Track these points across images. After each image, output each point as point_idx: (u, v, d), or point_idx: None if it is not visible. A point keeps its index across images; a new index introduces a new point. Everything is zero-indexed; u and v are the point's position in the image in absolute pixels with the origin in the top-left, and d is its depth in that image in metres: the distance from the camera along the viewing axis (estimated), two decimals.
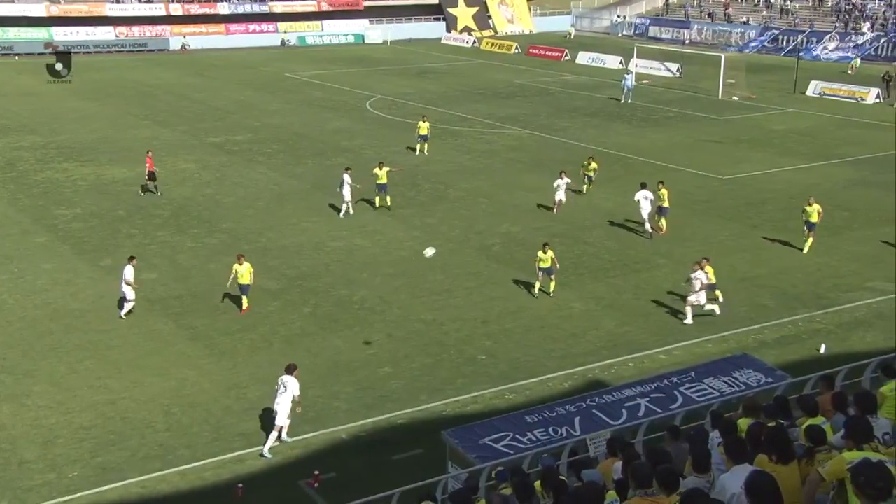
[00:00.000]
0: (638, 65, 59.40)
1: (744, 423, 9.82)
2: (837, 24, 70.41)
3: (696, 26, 78.90)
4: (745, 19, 77.49)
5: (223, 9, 78.55)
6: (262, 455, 15.96)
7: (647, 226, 27.09)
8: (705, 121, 44.70)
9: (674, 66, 60.42)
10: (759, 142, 39.85)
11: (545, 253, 22.51)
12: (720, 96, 51.09)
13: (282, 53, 74.05)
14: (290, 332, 20.83)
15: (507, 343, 20.17)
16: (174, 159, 36.73)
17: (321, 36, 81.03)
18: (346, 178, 29.04)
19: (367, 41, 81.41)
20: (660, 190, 27.36)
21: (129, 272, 21.38)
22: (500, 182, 33.49)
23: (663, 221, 27.53)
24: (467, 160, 37.02)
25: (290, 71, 63.12)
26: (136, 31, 75.16)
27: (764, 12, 78.08)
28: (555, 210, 29.27)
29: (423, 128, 37.97)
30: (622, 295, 22.74)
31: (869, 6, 72.34)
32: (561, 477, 10.45)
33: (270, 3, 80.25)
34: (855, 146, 38.52)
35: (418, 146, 37.98)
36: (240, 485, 15.10)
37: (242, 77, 59.98)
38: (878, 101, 49.15)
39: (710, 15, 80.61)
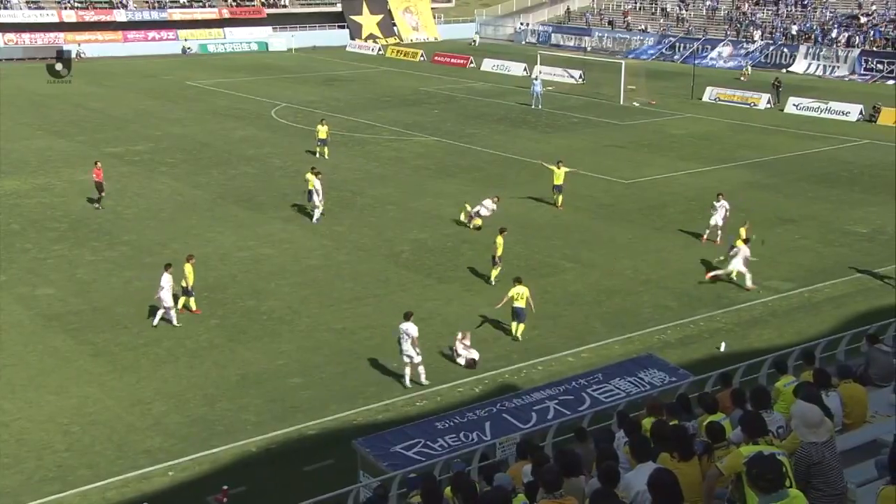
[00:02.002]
0: (542, 71, 60.32)
1: (647, 423, 10.08)
2: (729, 32, 73.05)
3: (596, 34, 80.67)
4: (643, 27, 79.64)
5: (120, 16, 76.46)
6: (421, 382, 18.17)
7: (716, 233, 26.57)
8: (608, 126, 45.72)
9: (576, 73, 61.63)
10: (659, 146, 40.96)
11: (519, 287, 20.46)
12: (622, 102, 52.34)
13: (183, 61, 72.57)
14: (197, 345, 20.40)
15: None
16: (71, 170, 35.56)
17: (223, 44, 79.61)
18: (319, 184, 29.00)
19: (270, 49, 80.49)
20: (559, 168, 30.09)
21: (165, 279, 21.02)
22: (408, 189, 33.54)
23: (559, 198, 30.32)
24: (375, 167, 36.96)
25: (192, 79, 61.92)
26: (27, 39, 72.47)
27: (661, 21, 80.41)
28: (470, 225, 28.82)
29: (322, 131, 38.16)
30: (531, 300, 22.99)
31: (758, 15, 75.28)
32: (472, 481, 10.52)
33: (170, 11, 78.54)
34: (749, 150, 39.97)
35: (317, 149, 38.11)
36: (224, 487, 14.73)
37: (142, 86, 58.53)
38: (769, 106, 51.12)
39: (610, 23, 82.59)
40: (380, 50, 79.75)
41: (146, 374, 19.06)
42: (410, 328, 18.14)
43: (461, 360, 19.39)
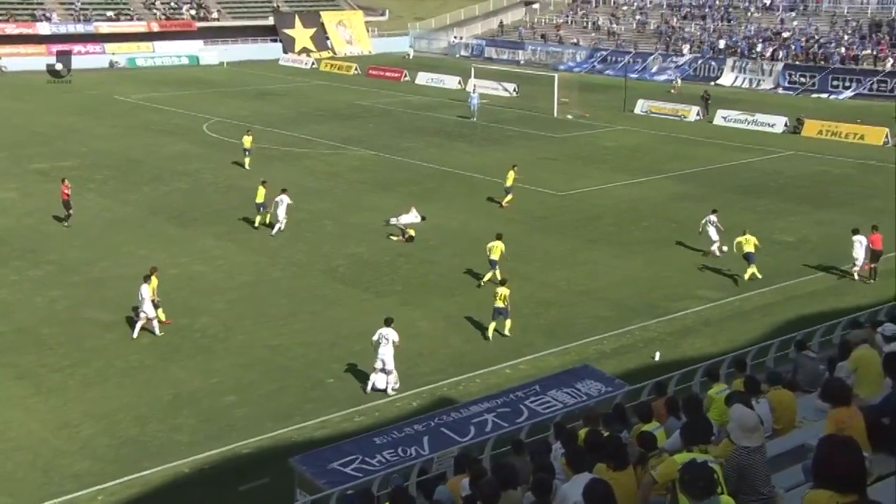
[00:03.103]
0: (476, 85, 60.73)
1: (584, 434, 10.17)
2: (659, 46, 74.61)
3: (529, 47, 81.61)
4: (575, 41, 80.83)
5: (43, 28, 74.56)
6: (392, 392, 18.42)
7: (715, 248, 27.08)
8: (543, 139, 46.21)
9: (510, 86, 62.22)
10: (593, 158, 41.55)
11: (500, 287, 21.46)
12: (556, 115, 52.98)
13: (110, 75, 71.25)
14: (128, 365, 19.97)
15: (354, 365, 20.06)
16: None
17: (153, 57, 78.25)
18: (286, 198, 29.39)
19: (202, 63, 79.45)
20: (510, 171, 32.81)
21: (144, 290, 21.16)
22: (344, 203, 33.41)
23: (506, 198, 32.52)
24: (311, 182, 36.72)
25: (121, 94, 60.84)
26: None
27: (592, 34, 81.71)
28: (403, 239, 29.01)
29: (247, 141, 38.60)
30: (468, 312, 23.08)
31: (686, 29, 77.07)
32: (411, 497, 10.49)
33: (96, 24, 76.88)
34: (680, 161, 40.78)
35: (247, 161, 38.58)
36: None
37: (67, 100, 57.21)
38: (698, 118, 52.28)
39: (542, 36, 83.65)
40: (313, 64, 79.41)
41: (74, 396, 18.58)
42: (391, 333, 18.48)
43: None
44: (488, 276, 24.51)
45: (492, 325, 21.61)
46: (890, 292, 23.88)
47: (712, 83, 65.35)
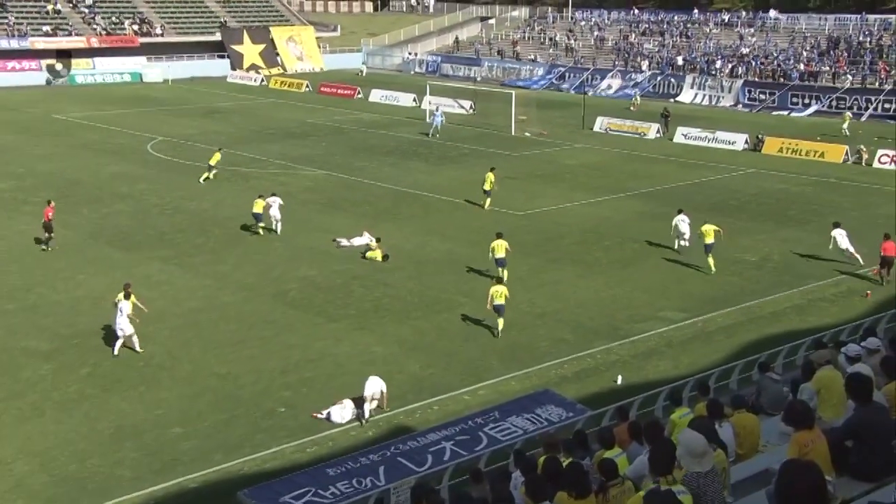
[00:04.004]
0: (431, 102, 61.03)
1: (544, 461, 10.17)
2: (618, 63, 75.65)
3: (486, 63, 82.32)
4: (532, 57, 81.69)
5: None
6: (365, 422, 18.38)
7: (686, 242, 29.44)
8: (500, 157, 46.42)
9: (467, 103, 62.58)
10: (552, 177, 41.87)
11: (498, 286, 23.09)
12: (513, 133, 53.35)
13: (48, 93, 70.34)
14: (66, 397, 19.58)
15: (307, 393, 19.90)
16: None
17: (93, 74, 77.30)
18: (277, 199, 32.30)
19: (145, 80, 78.85)
20: (488, 173, 35.29)
21: (125, 306, 21.63)
22: (295, 224, 33.21)
23: (487, 201, 34.90)
24: None
25: (59, 112, 60.05)
26: None
27: (550, 50, 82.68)
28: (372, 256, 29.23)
29: (215, 158, 39.77)
30: (425, 336, 23.07)
31: (645, 46, 78.28)
32: None
33: (32, 39, 75.85)
34: (640, 179, 41.28)
35: (206, 175, 39.51)
36: None
37: (2, 119, 56.32)
38: (658, 135, 53.02)
39: (499, 52, 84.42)
40: (263, 81, 79.18)
41: (7, 431, 18.16)
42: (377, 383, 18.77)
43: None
44: (505, 274, 25.53)
45: (500, 322, 22.93)
46: (852, 312, 24.38)
47: (672, 100, 66.37)
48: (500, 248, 26.05)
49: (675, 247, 29.70)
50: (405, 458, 14.73)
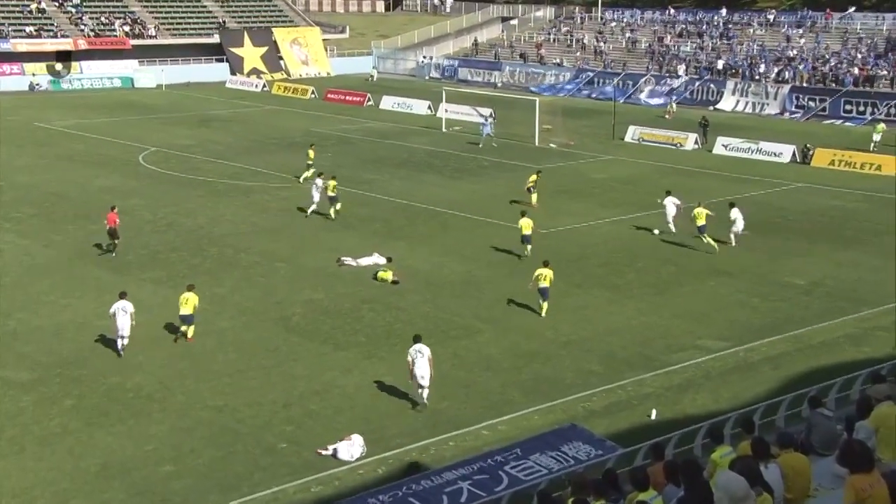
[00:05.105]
0: (447, 110, 61.27)
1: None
2: (652, 67, 75.76)
3: (507, 68, 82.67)
4: (558, 61, 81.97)
5: None
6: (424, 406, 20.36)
7: (671, 226, 34.16)
8: (522, 170, 46.40)
9: (486, 112, 62.67)
10: (578, 192, 41.90)
11: (545, 269, 26.07)
12: (537, 143, 53.47)
13: (31, 99, 71.09)
14: (48, 432, 19.67)
15: (312, 427, 19.93)
16: None
17: (80, 79, 78.06)
18: (319, 182, 36.71)
19: (137, 85, 79.59)
20: (532, 175, 39.05)
21: (127, 306, 23.32)
22: (300, 243, 33.38)
23: (534, 197, 38.06)
24: (262, 219, 36.70)
25: (42, 120, 60.67)
26: None
27: (577, 54, 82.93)
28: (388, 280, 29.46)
29: (311, 154, 43.26)
30: (440, 365, 22.98)
31: (682, 48, 78.36)
32: None
33: (13, 41, 76.70)
34: (676, 195, 41.10)
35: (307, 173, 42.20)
36: None
37: None
38: (696, 146, 53.00)
39: (521, 56, 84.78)
40: (264, 86, 79.77)
41: None
42: (424, 348, 20.47)
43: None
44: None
45: (544, 305, 25.95)
46: None
47: (711, 108, 66.39)
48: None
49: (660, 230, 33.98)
50: (418, 499, 14.73)
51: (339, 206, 36.74)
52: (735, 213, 32.96)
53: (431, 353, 20.69)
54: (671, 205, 34.25)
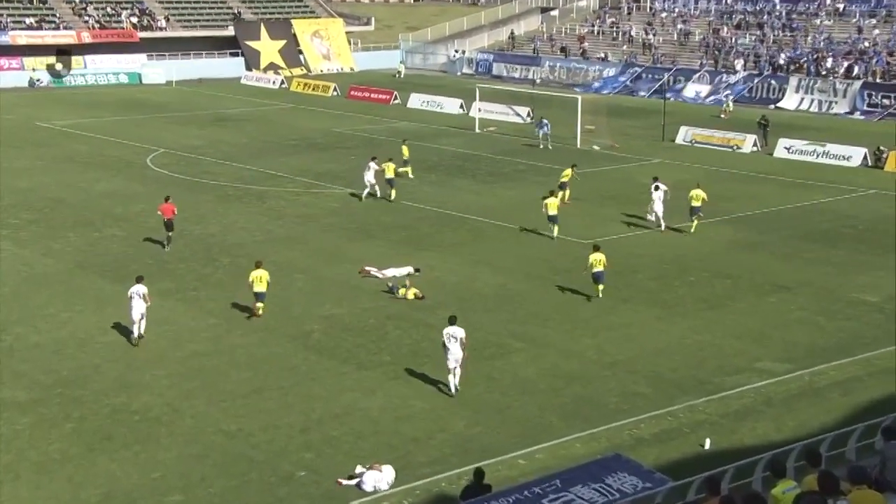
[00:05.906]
0: (481, 109, 61.30)
1: None
2: (706, 62, 75.44)
3: (547, 63, 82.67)
4: (602, 55, 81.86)
5: None
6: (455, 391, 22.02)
7: (660, 221, 35.96)
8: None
9: (523, 111, 62.78)
10: (625, 198, 41.72)
11: (596, 253, 28.46)
12: (579, 145, 53.41)
13: (30, 97, 71.96)
14: (45, 458, 19.81)
15: (332, 454, 19.96)
16: None
17: (84, 75, 78.87)
18: (373, 165, 39.97)
19: (145, 81, 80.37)
20: (571, 170, 40.78)
21: (141, 289, 25.25)
22: (319, 253, 33.50)
23: (566, 193, 39.15)
24: (278, 227, 36.87)
25: (43, 119, 61.38)
26: None
27: (624, 47, 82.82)
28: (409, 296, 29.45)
29: (405, 151, 45.54)
30: (473, 388, 23.02)
31: (740, 41, 77.94)
32: None
33: (12, 34, 77.72)
34: (734, 202, 40.99)
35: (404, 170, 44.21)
36: None
37: None
38: (755, 149, 52.70)
39: (562, 50, 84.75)
40: (283, 83, 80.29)
41: None
42: (458, 330, 21.94)
43: None
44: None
45: (599, 287, 28.38)
46: None
47: (772, 107, 66.04)
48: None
49: (649, 217, 36.27)
50: None
51: (395, 192, 40.46)
52: (656, 194, 35.87)
53: (463, 373, 20.62)
54: (659, 200, 36.02)
